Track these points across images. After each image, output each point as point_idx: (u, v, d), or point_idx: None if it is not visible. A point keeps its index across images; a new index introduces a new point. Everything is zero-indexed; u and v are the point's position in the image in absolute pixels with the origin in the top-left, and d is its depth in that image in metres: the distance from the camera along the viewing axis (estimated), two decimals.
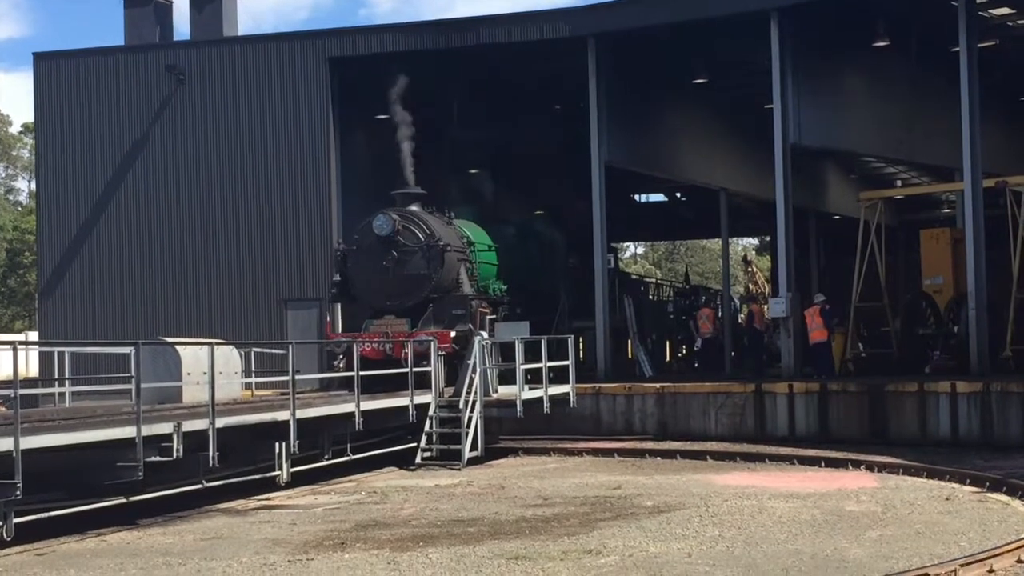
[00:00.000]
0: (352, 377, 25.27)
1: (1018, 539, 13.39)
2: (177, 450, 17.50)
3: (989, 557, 12.24)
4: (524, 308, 33.19)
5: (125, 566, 14.29)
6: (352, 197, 34.51)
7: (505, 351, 26.97)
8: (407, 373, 25.09)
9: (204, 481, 19.20)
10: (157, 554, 15.08)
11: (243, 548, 15.36)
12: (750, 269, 75.93)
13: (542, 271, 35.73)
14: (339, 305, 33.13)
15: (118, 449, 16.80)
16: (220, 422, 18.62)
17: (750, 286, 74.05)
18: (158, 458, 17.38)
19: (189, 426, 17.96)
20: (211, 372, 18.81)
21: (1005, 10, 32.15)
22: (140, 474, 16.74)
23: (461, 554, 14.43)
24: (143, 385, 23.08)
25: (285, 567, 13.97)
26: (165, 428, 17.53)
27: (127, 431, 16.78)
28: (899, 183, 51.25)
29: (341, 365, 27.64)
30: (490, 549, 14.71)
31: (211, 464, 18.38)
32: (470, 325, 28.11)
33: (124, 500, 17.65)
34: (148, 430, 17.03)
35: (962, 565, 11.93)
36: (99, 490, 17.33)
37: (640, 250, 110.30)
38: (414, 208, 29.74)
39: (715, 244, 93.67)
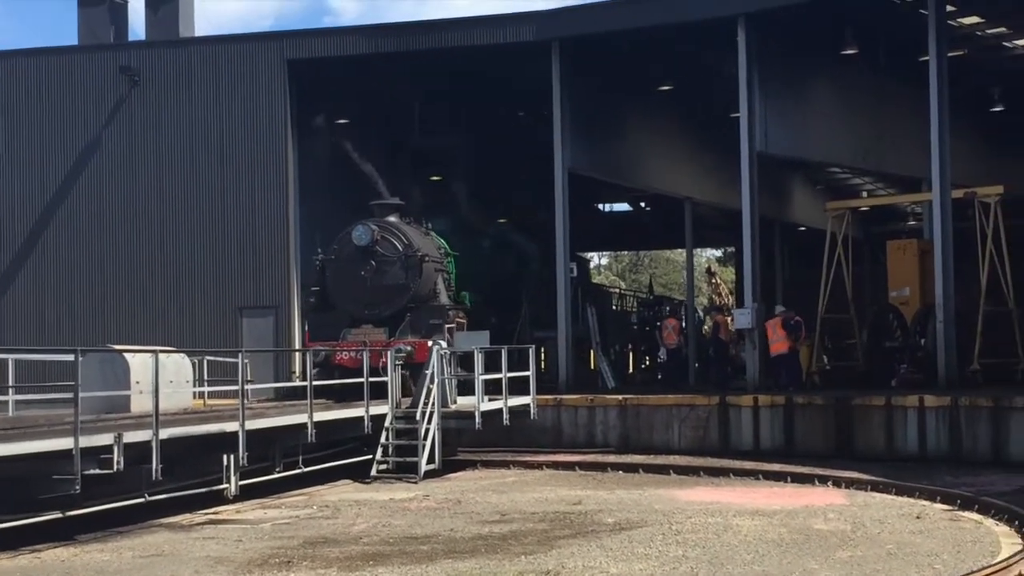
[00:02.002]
0: (328, 387, 25.30)
1: (994, 563, 12.80)
2: (118, 462, 16.69)
3: None
4: (498, 318, 33.07)
5: None
6: (311, 203, 33.84)
7: (465, 361, 26.35)
8: (379, 382, 24.74)
9: (147, 495, 18.39)
10: (92, 572, 14.31)
11: (183, 566, 14.59)
12: (714, 280, 75.49)
13: (517, 281, 35.34)
14: (296, 317, 32.60)
15: (54, 461, 15.99)
16: (164, 433, 17.82)
17: (714, 297, 73.64)
18: (97, 471, 16.59)
19: (131, 437, 17.14)
20: (155, 381, 18.01)
21: (974, 19, 31.78)
22: (77, 488, 15.94)
23: (412, 574, 13.72)
24: (88, 394, 22.47)
25: None
26: (105, 440, 16.72)
27: (63, 442, 15.96)
28: (864, 194, 50.88)
29: (314, 373, 27.45)
30: (443, 569, 14.01)
31: (154, 477, 17.58)
32: (447, 335, 28.04)
33: (60, 515, 16.84)
34: (86, 441, 16.22)
35: None
36: (35, 504, 16.54)
37: (604, 261, 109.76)
38: (392, 219, 30.24)
39: (678, 255, 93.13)
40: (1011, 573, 12.37)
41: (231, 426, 19.79)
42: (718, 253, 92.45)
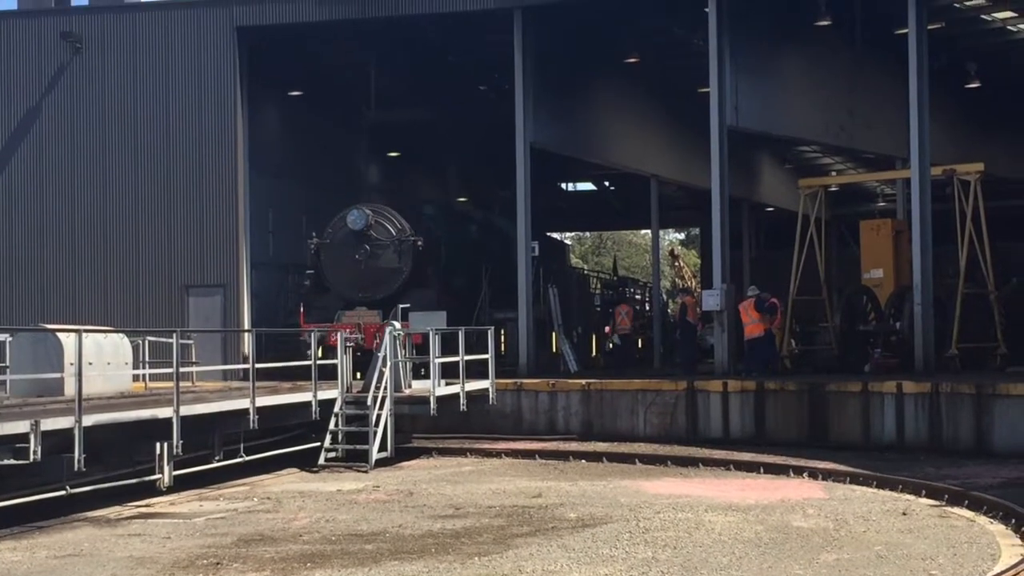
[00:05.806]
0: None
1: (1001, 572, 11.53)
2: (34, 452, 15.25)
3: None
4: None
5: None
6: (263, 177, 32.42)
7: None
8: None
9: (68, 487, 16.88)
10: None
11: (100, 569, 13.16)
12: (677, 263, 74.39)
13: (505, 264, 34.25)
14: (246, 296, 31.36)
15: None
16: (89, 420, 16.36)
17: (677, 280, 72.54)
18: (11, 461, 15.14)
19: (50, 424, 15.69)
20: (78, 363, 16.55)
21: None
22: None
23: None
24: (15, 376, 21.10)
25: None
26: (20, 427, 15.26)
27: None
28: (834, 174, 49.68)
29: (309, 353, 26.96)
30: (387, 573, 12.64)
31: (77, 467, 16.08)
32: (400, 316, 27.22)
33: None
34: None
35: None
36: None
37: (567, 243, 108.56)
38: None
39: (641, 238, 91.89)
40: None
41: (164, 411, 18.35)
42: (681, 236, 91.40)
